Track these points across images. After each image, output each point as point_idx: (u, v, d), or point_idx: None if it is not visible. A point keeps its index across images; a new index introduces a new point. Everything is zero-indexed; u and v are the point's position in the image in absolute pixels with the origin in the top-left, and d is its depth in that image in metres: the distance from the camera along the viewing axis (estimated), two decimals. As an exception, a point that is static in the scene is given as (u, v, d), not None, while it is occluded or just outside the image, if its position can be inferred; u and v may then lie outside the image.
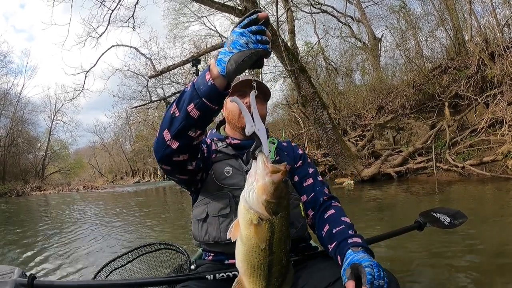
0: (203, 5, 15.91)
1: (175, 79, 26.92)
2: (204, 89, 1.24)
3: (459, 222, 2.23)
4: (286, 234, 1.11)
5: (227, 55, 1.18)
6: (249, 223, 1.07)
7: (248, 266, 1.10)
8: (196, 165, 1.58)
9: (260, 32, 1.17)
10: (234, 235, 1.11)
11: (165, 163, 1.48)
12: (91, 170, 68.13)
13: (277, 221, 1.07)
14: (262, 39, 1.16)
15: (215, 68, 1.22)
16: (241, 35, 1.16)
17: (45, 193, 34.55)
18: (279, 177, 1.08)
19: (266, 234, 1.07)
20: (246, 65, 1.18)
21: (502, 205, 6.54)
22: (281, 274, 1.12)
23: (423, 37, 17.19)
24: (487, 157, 10.47)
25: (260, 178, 1.09)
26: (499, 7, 12.55)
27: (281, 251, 1.10)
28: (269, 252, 1.08)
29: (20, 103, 43.24)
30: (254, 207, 1.07)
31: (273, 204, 1.06)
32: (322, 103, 13.16)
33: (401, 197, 8.96)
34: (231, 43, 1.17)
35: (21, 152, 43.83)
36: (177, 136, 1.34)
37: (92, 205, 15.63)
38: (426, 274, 3.28)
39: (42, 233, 7.77)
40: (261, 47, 1.16)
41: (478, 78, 11.92)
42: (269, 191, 1.06)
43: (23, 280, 1.50)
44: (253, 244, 1.07)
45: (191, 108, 1.27)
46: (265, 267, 1.08)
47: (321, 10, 22.20)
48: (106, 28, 16.31)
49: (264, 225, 1.06)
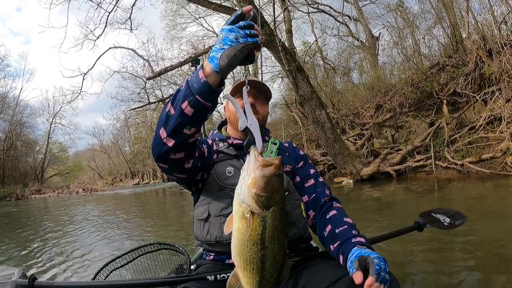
0: (200, 6, 15.92)
1: (173, 80, 26.90)
2: (198, 87, 1.27)
3: (459, 223, 2.22)
4: (280, 229, 1.11)
5: (219, 52, 1.21)
6: (241, 217, 1.09)
7: (241, 259, 1.11)
8: (193, 164, 1.58)
9: (248, 26, 1.21)
10: (227, 229, 1.14)
11: (162, 161, 1.49)
12: (91, 172, 68.17)
13: (270, 215, 1.08)
14: (251, 33, 1.20)
15: (208, 66, 1.25)
16: (230, 31, 1.20)
17: (45, 196, 34.47)
18: (270, 170, 1.09)
19: (258, 228, 1.07)
20: (237, 59, 1.20)
21: (502, 202, 6.54)
22: (275, 269, 1.12)
23: (420, 35, 17.16)
24: (486, 154, 10.48)
25: (251, 172, 1.10)
26: (496, 4, 12.54)
27: (275, 246, 1.10)
28: (261, 246, 1.08)
29: (19, 107, 43.29)
30: (246, 201, 1.08)
31: (264, 198, 1.07)
32: (320, 103, 13.17)
33: (400, 195, 8.96)
34: (221, 40, 1.22)
35: (20, 155, 43.79)
36: (172, 133, 1.35)
37: (91, 207, 15.62)
38: (425, 274, 3.27)
39: (42, 234, 7.80)
40: (250, 40, 1.19)
41: (476, 75, 11.93)
42: (260, 185, 1.07)
43: (24, 281, 1.50)
44: (245, 238, 1.08)
45: (185, 105, 1.29)
46: (257, 261, 1.09)
47: (318, 10, 22.20)
48: (103, 30, 16.38)
49: (256, 219, 1.07)
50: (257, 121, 1.31)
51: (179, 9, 27.14)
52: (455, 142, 11.86)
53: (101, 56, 19.98)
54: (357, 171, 12.98)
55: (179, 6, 26.24)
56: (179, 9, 27.25)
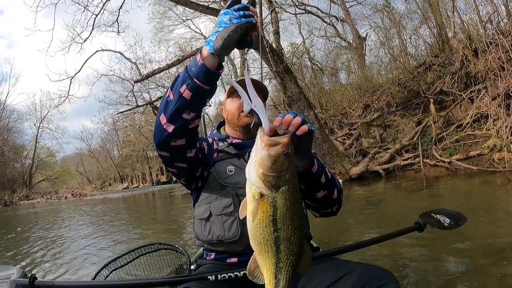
0: (188, 8, 15.88)
1: (161, 83, 26.70)
2: (195, 70, 1.30)
3: (459, 224, 2.24)
4: (293, 209, 1.09)
5: (214, 35, 1.24)
6: (252, 199, 1.08)
7: (255, 242, 1.10)
8: (195, 154, 1.59)
9: (243, 8, 1.22)
10: (242, 213, 1.12)
11: (163, 149, 1.50)
12: (79, 177, 67.59)
13: (280, 195, 1.07)
14: (245, 14, 1.21)
15: (204, 49, 1.28)
16: (225, 14, 1.23)
17: (33, 202, 34.14)
18: (277, 150, 1.08)
19: (268, 210, 1.07)
20: (232, 39, 1.22)
21: (490, 198, 6.59)
22: (292, 252, 1.10)
23: (407, 35, 17.28)
24: (474, 151, 10.58)
25: (258, 153, 1.10)
26: (482, 3, 12.67)
27: (288, 227, 1.08)
28: (273, 228, 1.07)
29: (5, 111, 42.72)
30: (254, 182, 1.07)
31: (271, 178, 1.06)
32: (308, 103, 13.23)
33: (390, 194, 9.02)
34: (217, 24, 1.24)
35: (8, 161, 43.19)
36: (172, 118, 1.37)
37: (84, 211, 15.52)
38: (424, 273, 3.29)
39: (40, 235, 7.74)
40: (244, 20, 1.20)
41: (462, 74, 12.05)
42: (266, 165, 1.07)
43: (24, 280, 1.52)
44: (257, 220, 1.07)
45: (184, 89, 1.32)
46: (271, 243, 1.08)
47: (306, 11, 22.23)
48: (90, 33, 16.33)
49: (266, 200, 1.06)
50: (261, 101, 1.31)
51: (167, 11, 26.95)
52: (443, 140, 11.96)
53: (88, 59, 19.78)
54: (346, 171, 13.02)
55: (167, 8, 26.08)
56: (166, 12, 27.07)
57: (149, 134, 41.89)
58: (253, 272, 1.14)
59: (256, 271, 1.14)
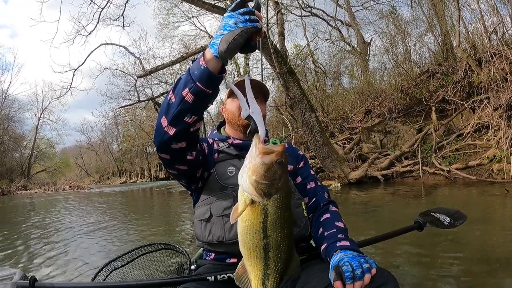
0: (194, 5, 15.87)
1: (163, 79, 26.72)
2: (198, 73, 1.27)
3: (459, 222, 2.24)
4: (284, 217, 1.10)
5: (218, 38, 1.22)
6: (243, 205, 1.08)
7: (244, 247, 1.11)
8: (196, 156, 1.57)
9: (248, 12, 1.20)
10: (233, 218, 1.12)
11: (164, 151, 1.48)
12: (78, 169, 67.68)
13: (271, 203, 1.07)
14: (251, 18, 1.20)
15: (208, 52, 1.26)
16: (230, 17, 1.21)
17: (31, 192, 34.13)
18: (271, 158, 1.08)
19: (259, 217, 1.07)
20: (236, 44, 1.20)
21: (488, 208, 6.60)
22: (280, 259, 1.11)
23: (411, 42, 17.32)
24: (473, 161, 10.60)
25: (252, 160, 1.10)
26: (488, 14, 12.69)
27: (278, 234, 1.09)
28: (263, 234, 1.08)
29: (7, 101, 42.83)
30: (246, 189, 1.07)
31: (264, 185, 1.06)
32: (310, 106, 13.21)
33: (387, 199, 9.00)
34: (221, 27, 1.22)
35: (7, 150, 43.28)
36: (173, 121, 1.35)
37: (82, 205, 15.50)
38: (421, 275, 3.31)
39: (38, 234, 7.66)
40: (250, 25, 1.19)
41: (465, 83, 12.06)
42: (259, 172, 1.06)
43: (24, 282, 1.52)
44: (247, 226, 1.08)
45: (186, 92, 1.29)
46: (260, 249, 1.09)
47: (311, 13, 22.30)
48: (96, 26, 16.26)
49: (257, 207, 1.07)
50: (259, 108, 1.30)
51: (172, 7, 26.96)
52: (443, 149, 11.98)
53: (92, 52, 19.78)
54: (345, 175, 13.01)
55: (172, 4, 26.06)
56: (172, 8, 27.08)
57: (149, 129, 41.82)
58: (241, 277, 1.16)
59: (244, 276, 1.15)
